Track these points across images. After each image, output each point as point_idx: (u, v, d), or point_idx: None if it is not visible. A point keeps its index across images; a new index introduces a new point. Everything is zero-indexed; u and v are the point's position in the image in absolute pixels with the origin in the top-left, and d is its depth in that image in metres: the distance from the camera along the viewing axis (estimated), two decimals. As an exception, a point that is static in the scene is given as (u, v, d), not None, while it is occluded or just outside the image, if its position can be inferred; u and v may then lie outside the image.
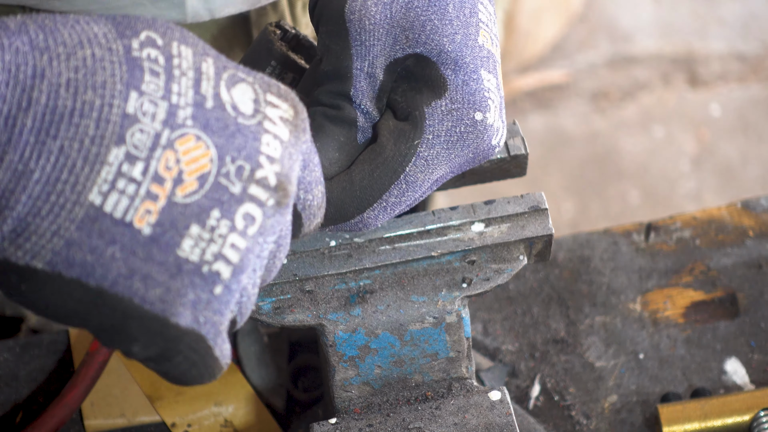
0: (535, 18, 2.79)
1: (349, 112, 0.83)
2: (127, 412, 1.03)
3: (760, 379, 1.06)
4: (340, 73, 0.83)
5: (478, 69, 0.83)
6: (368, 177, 0.83)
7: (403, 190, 0.84)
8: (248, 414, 1.03)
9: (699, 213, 1.16)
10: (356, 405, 0.92)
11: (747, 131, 2.76)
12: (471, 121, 0.83)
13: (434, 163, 0.84)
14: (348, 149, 0.84)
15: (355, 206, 0.83)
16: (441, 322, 0.91)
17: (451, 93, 0.83)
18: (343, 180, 0.83)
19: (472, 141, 0.84)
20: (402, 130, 0.83)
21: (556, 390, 1.07)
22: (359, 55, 0.83)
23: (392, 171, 0.83)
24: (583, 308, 1.11)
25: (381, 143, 0.83)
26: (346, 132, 0.83)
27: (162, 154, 0.67)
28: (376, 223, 0.85)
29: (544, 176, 2.67)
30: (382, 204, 0.84)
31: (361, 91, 0.83)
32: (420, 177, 0.83)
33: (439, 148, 0.83)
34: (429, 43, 0.82)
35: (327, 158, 0.83)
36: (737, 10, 2.95)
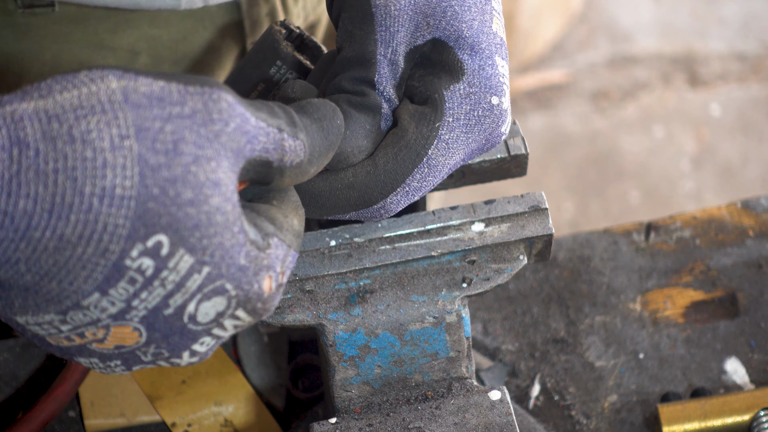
0: (536, 18, 2.79)
1: (374, 98, 0.83)
2: (127, 411, 1.03)
3: (760, 378, 1.07)
4: (365, 58, 0.83)
5: (493, 55, 0.84)
6: (392, 160, 0.83)
7: (425, 174, 0.83)
8: (248, 414, 1.03)
9: (699, 213, 1.16)
10: (356, 405, 0.92)
11: (747, 131, 2.76)
12: (488, 105, 0.84)
13: (454, 147, 0.84)
14: (374, 137, 0.84)
15: (380, 191, 0.83)
16: (441, 321, 0.91)
17: (468, 77, 0.83)
18: (367, 165, 0.83)
19: (488, 125, 0.85)
20: (423, 113, 0.83)
21: (556, 390, 1.07)
22: (384, 41, 0.83)
23: (415, 154, 0.83)
24: (583, 308, 1.11)
25: (403, 126, 0.83)
26: (371, 119, 0.83)
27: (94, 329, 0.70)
28: (397, 208, 0.85)
29: (544, 176, 2.67)
30: (404, 188, 0.84)
31: (384, 77, 0.83)
32: (441, 160, 0.84)
33: (458, 131, 0.84)
34: (448, 28, 0.83)
35: (357, 146, 0.83)
36: (737, 10, 2.95)
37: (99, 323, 0.69)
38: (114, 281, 0.67)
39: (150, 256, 0.67)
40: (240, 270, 0.70)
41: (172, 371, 1.04)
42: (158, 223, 0.66)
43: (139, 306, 0.68)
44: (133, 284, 0.67)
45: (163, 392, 1.04)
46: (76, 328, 0.69)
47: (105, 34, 1.07)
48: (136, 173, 0.65)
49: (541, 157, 2.68)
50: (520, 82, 2.82)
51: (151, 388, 1.04)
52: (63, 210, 0.64)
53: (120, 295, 0.67)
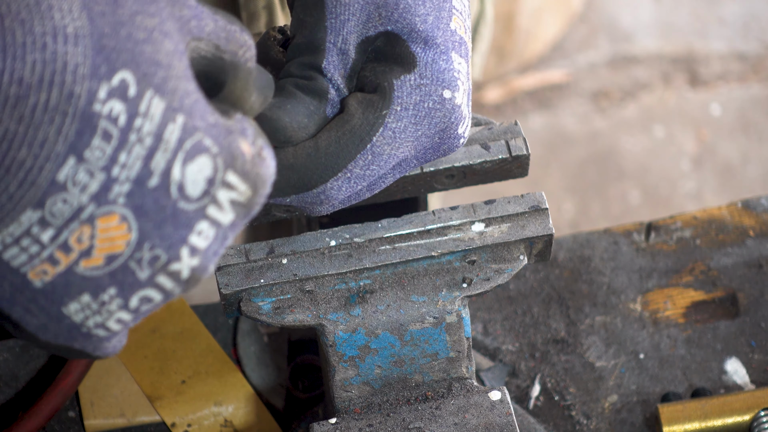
0: (536, 17, 2.79)
1: (321, 83, 0.83)
2: (127, 412, 1.03)
3: (761, 378, 1.06)
4: (313, 45, 0.82)
5: (449, 51, 0.83)
6: (334, 143, 0.81)
7: (368, 161, 0.82)
8: (248, 414, 1.03)
9: (699, 213, 1.16)
10: (356, 405, 0.91)
11: (747, 131, 2.76)
12: (439, 98, 0.83)
13: (401, 137, 0.83)
14: (316, 119, 0.82)
15: (319, 174, 0.81)
16: (441, 322, 0.91)
17: (420, 69, 0.82)
18: (308, 146, 0.82)
19: (439, 119, 0.83)
20: (370, 101, 0.82)
21: (557, 390, 1.07)
22: (333, 29, 0.82)
23: (359, 139, 0.81)
24: (584, 308, 1.11)
25: (349, 112, 0.82)
26: (317, 103, 0.82)
27: (78, 227, 0.63)
28: (338, 196, 0.83)
29: (544, 176, 2.67)
30: (346, 174, 0.82)
31: (333, 65, 0.83)
32: (386, 150, 0.82)
33: (406, 122, 0.82)
34: (401, 21, 0.82)
35: (296, 122, 0.81)
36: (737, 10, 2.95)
37: (82, 214, 0.62)
38: (87, 137, 0.61)
39: (119, 98, 0.61)
40: (213, 126, 0.65)
41: (172, 372, 1.04)
42: (119, 58, 0.61)
43: (121, 176, 0.62)
44: (108, 140, 0.61)
45: (162, 392, 1.04)
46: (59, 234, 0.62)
47: None
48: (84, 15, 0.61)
49: (541, 157, 2.68)
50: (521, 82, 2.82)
51: (151, 389, 1.04)
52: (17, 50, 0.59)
53: (97, 159, 0.61)
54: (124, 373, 1.05)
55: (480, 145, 0.94)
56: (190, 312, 1.08)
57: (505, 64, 2.84)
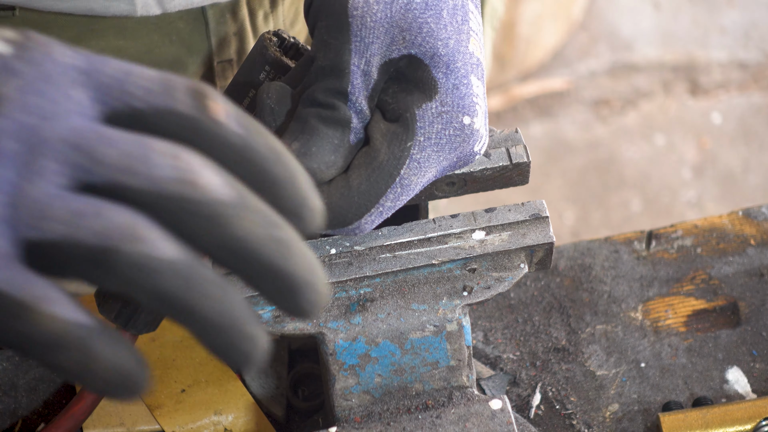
0: (536, 26, 2.79)
1: (344, 112, 0.83)
2: (126, 420, 1.03)
3: (762, 388, 1.06)
4: (338, 68, 0.83)
5: (468, 74, 0.84)
6: (365, 182, 0.83)
7: (398, 193, 0.84)
8: (248, 423, 1.03)
9: (700, 221, 1.16)
10: (356, 414, 0.91)
11: (748, 139, 2.76)
12: (459, 125, 0.84)
13: (426, 166, 0.84)
14: (342, 151, 0.84)
15: (354, 212, 0.84)
16: (441, 330, 0.91)
17: (441, 96, 0.84)
18: (341, 186, 0.83)
19: (459, 144, 0.85)
20: (395, 133, 0.84)
21: (557, 399, 1.07)
22: (358, 51, 0.83)
23: (388, 174, 0.83)
24: (584, 317, 1.11)
25: (375, 147, 0.84)
26: (340, 134, 0.84)
27: None
28: (370, 227, 0.85)
29: (544, 184, 2.67)
30: (378, 209, 0.84)
31: (357, 88, 0.84)
32: (413, 179, 0.84)
33: (429, 151, 0.84)
34: (424, 45, 0.83)
35: (324, 162, 0.83)
36: (738, 19, 2.96)
37: None
38: None
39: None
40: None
41: (172, 380, 1.04)
42: None
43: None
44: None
45: (162, 401, 1.03)
46: None
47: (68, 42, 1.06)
48: None
49: (541, 165, 2.68)
50: (521, 90, 2.82)
51: (151, 397, 1.04)
52: None
53: None
54: (123, 381, 1.04)
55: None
56: (190, 320, 1.07)
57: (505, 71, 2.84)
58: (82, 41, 1.06)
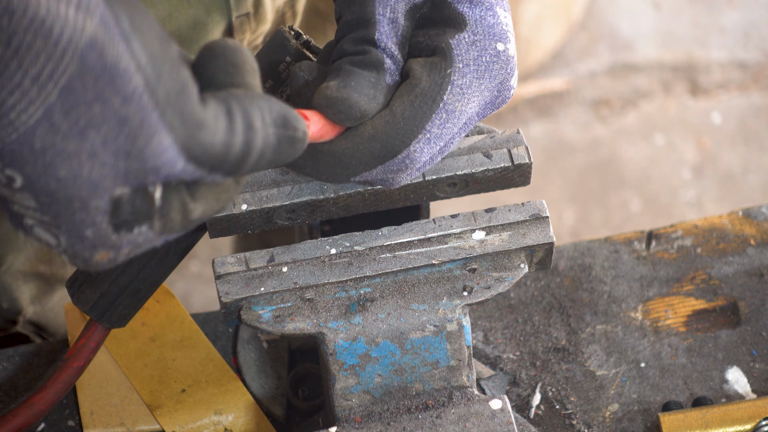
0: (536, 26, 2.79)
1: (376, 54, 0.85)
2: (126, 420, 1.03)
3: (762, 388, 1.06)
4: (364, 19, 0.85)
5: (494, 6, 0.86)
6: (409, 108, 0.84)
7: (443, 119, 0.85)
8: (248, 423, 1.03)
9: (700, 221, 1.16)
10: (357, 414, 0.91)
11: (748, 139, 2.76)
12: (494, 51, 0.86)
13: (468, 92, 0.85)
14: (380, 88, 0.85)
15: (401, 139, 0.84)
16: (442, 330, 0.91)
17: (471, 26, 0.85)
18: (385, 115, 0.84)
19: (497, 71, 0.86)
20: (433, 63, 0.85)
21: (557, 399, 1.07)
22: (381, 2, 0.85)
23: (431, 100, 0.84)
24: (584, 317, 1.11)
25: (416, 76, 0.85)
26: (375, 74, 0.84)
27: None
28: (421, 158, 0.85)
29: (545, 184, 2.67)
30: (426, 135, 0.84)
31: (385, 35, 0.85)
32: (458, 106, 0.85)
33: (470, 77, 0.85)
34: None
35: (364, 95, 0.83)
36: (738, 19, 2.95)
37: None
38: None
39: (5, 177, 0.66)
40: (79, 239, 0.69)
41: (172, 380, 1.04)
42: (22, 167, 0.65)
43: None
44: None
45: (162, 401, 1.03)
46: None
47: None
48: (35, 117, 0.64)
49: (541, 165, 2.68)
50: (521, 90, 2.82)
51: (151, 397, 1.04)
52: None
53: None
54: (123, 381, 1.04)
55: (482, 154, 0.94)
56: (190, 320, 1.07)
57: (505, 72, 2.83)
58: None
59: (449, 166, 0.93)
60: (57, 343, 1.08)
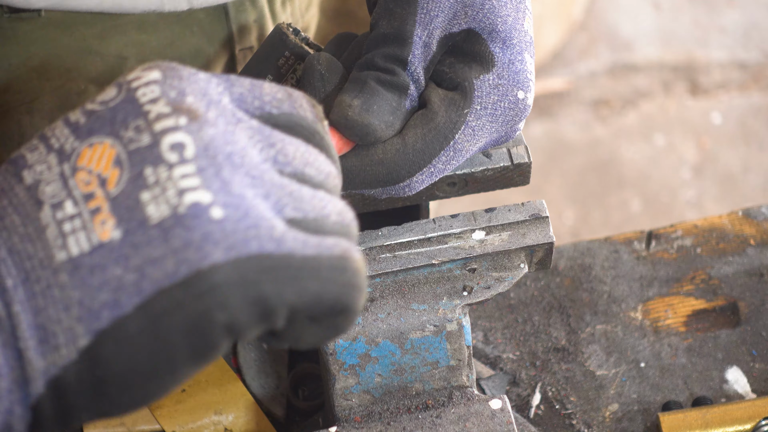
0: (536, 26, 2.79)
1: (403, 78, 0.86)
2: (126, 420, 1.03)
3: (762, 388, 1.06)
4: (401, 37, 0.86)
5: (523, 51, 0.87)
6: (421, 141, 0.85)
7: (450, 156, 0.86)
8: (248, 423, 1.03)
9: (700, 221, 1.16)
10: (357, 413, 0.91)
11: (748, 139, 2.76)
12: (514, 98, 0.87)
13: (479, 134, 0.87)
14: (399, 114, 0.86)
15: (407, 169, 0.86)
16: (441, 330, 0.91)
17: (498, 69, 0.86)
18: (396, 143, 0.86)
19: (511, 118, 0.88)
20: (453, 99, 0.86)
21: (557, 398, 1.07)
22: (422, 23, 0.86)
23: (443, 137, 0.85)
24: (584, 316, 1.11)
25: (433, 110, 0.86)
26: (398, 98, 0.86)
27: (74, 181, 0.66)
28: (420, 187, 0.87)
29: (544, 184, 2.67)
30: (430, 168, 0.86)
31: (417, 58, 0.86)
32: (466, 145, 0.87)
33: (485, 120, 0.86)
34: (484, 20, 0.86)
35: (383, 121, 0.85)
36: (738, 19, 2.96)
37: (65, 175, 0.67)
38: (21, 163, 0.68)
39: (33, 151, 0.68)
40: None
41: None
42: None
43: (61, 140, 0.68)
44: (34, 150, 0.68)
45: (162, 401, 1.04)
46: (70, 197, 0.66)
47: (92, 39, 1.06)
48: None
49: (541, 165, 2.68)
50: (521, 91, 2.82)
51: (151, 397, 1.04)
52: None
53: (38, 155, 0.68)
54: (123, 381, 1.04)
55: (482, 153, 0.94)
56: (190, 320, 1.07)
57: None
58: (106, 37, 1.06)
59: (449, 166, 0.94)
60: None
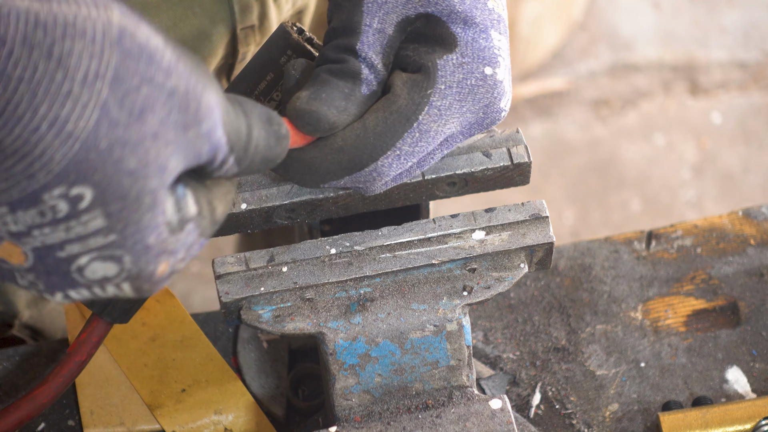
0: (536, 26, 2.79)
1: (353, 64, 0.85)
2: (126, 420, 1.03)
3: (762, 387, 1.06)
4: (349, 28, 0.85)
5: (488, 29, 0.86)
6: (382, 123, 0.84)
7: (416, 138, 0.85)
8: (248, 422, 1.03)
9: (700, 221, 1.16)
10: (356, 413, 0.91)
11: (748, 139, 2.76)
12: (481, 75, 0.86)
13: (447, 114, 0.85)
14: (354, 99, 0.85)
15: (369, 153, 0.85)
16: (441, 330, 0.91)
17: (461, 48, 0.85)
18: (356, 128, 0.85)
19: (482, 95, 0.86)
20: (415, 81, 0.85)
21: (557, 398, 1.07)
22: (370, 12, 0.85)
23: (405, 118, 0.84)
24: (584, 316, 1.11)
25: (395, 93, 0.85)
26: (351, 85, 0.85)
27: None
28: (390, 172, 0.86)
29: (544, 184, 2.67)
30: (395, 152, 0.85)
31: (367, 45, 0.85)
32: (433, 127, 0.85)
33: (451, 99, 0.85)
34: (440, 3, 0.85)
35: (335, 107, 0.84)
36: (738, 19, 2.96)
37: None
38: (26, 206, 0.66)
39: (68, 202, 0.66)
40: (144, 249, 0.70)
41: (172, 380, 1.04)
42: (91, 176, 0.65)
43: (38, 237, 0.67)
44: (42, 217, 0.66)
45: (162, 401, 1.03)
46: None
47: None
48: (93, 118, 0.64)
49: (541, 165, 2.68)
50: (521, 90, 2.82)
51: (151, 397, 1.04)
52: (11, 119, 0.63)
53: (25, 221, 0.67)
54: (123, 381, 1.04)
55: (481, 153, 0.94)
56: (190, 320, 1.08)
57: (505, 72, 2.83)
58: None
59: (448, 165, 0.94)
60: (57, 342, 1.08)
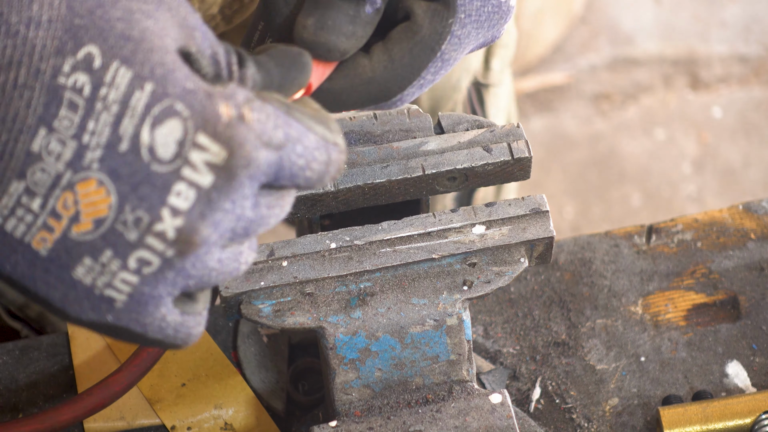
0: (536, 20, 2.79)
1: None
2: (126, 414, 1.03)
3: (762, 382, 1.06)
4: None
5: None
6: (408, 55, 0.85)
7: (438, 67, 0.86)
8: (248, 417, 1.03)
9: (700, 215, 1.16)
10: (357, 408, 0.91)
11: (749, 133, 2.76)
12: (497, 2, 0.87)
13: (465, 42, 0.87)
14: (359, 21, 0.85)
15: (398, 84, 0.86)
16: (442, 324, 0.91)
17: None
18: (383, 59, 0.85)
19: (496, 21, 0.87)
20: (436, 10, 0.85)
21: (557, 393, 1.07)
22: None
23: (430, 49, 0.85)
24: (585, 311, 1.11)
25: (417, 22, 0.85)
26: (355, 5, 0.84)
27: (60, 194, 0.66)
28: (409, 100, 0.87)
29: (545, 178, 2.67)
30: (420, 81, 0.86)
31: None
32: (453, 54, 0.86)
33: (470, 28, 0.86)
34: None
35: (342, 32, 0.84)
36: (739, 13, 2.95)
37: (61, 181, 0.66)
38: (54, 107, 0.65)
39: (83, 70, 0.65)
40: (188, 92, 0.67)
41: (172, 374, 1.04)
42: (86, 35, 0.65)
43: (92, 143, 0.65)
44: (74, 110, 0.65)
45: (162, 395, 1.03)
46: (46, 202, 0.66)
47: None
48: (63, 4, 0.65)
49: (542, 160, 2.68)
50: (521, 84, 2.82)
51: (151, 392, 1.04)
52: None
53: (66, 129, 0.65)
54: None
55: (482, 148, 0.94)
56: (190, 314, 1.07)
57: (505, 66, 2.83)
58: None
59: (449, 160, 0.93)
60: (57, 336, 1.08)
